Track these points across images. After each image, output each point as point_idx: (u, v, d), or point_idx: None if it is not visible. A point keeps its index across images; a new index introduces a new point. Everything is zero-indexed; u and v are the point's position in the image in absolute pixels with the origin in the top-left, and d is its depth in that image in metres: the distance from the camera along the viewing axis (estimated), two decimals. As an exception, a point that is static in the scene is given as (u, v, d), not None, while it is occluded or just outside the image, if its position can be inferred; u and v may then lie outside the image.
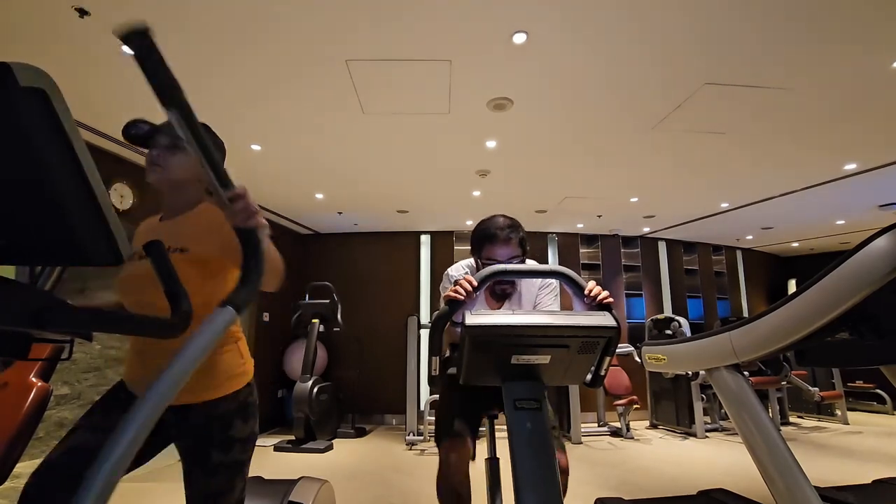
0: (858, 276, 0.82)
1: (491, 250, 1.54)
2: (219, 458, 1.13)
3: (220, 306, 0.77)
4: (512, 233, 1.54)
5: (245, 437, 1.19)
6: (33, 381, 1.57)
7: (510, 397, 1.13)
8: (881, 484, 2.12)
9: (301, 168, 4.11)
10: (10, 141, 0.53)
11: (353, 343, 5.91)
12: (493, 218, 1.60)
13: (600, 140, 3.52)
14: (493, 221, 1.58)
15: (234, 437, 1.16)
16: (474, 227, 1.64)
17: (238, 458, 1.17)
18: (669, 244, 7.03)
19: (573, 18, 2.14)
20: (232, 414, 1.17)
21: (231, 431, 1.16)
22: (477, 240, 1.60)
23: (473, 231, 1.63)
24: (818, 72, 2.56)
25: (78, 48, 2.26)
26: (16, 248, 0.63)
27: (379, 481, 3.53)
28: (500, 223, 1.56)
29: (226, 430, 1.15)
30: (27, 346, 0.71)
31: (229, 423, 1.16)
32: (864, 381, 6.59)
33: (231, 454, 1.15)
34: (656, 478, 3.60)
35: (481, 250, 1.58)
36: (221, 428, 1.15)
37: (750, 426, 1.05)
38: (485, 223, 1.60)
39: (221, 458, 1.14)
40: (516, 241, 1.55)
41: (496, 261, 1.53)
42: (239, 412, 1.19)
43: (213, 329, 0.75)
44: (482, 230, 1.58)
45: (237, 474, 1.17)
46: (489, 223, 1.58)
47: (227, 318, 0.77)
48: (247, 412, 1.21)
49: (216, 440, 1.14)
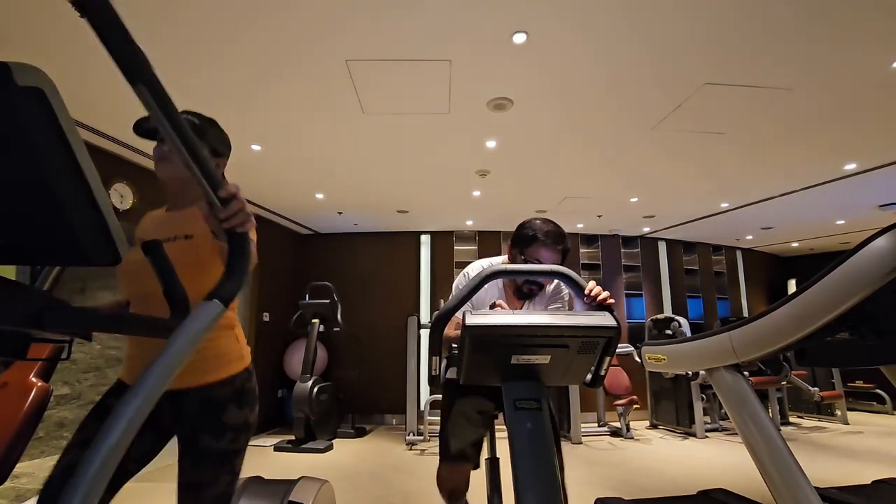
0: (858, 276, 0.82)
1: (537, 251, 1.59)
2: (208, 444, 1.11)
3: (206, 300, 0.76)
4: (561, 241, 1.61)
5: (238, 424, 1.16)
6: (33, 381, 1.57)
7: (510, 397, 1.13)
8: (881, 484, 2.12)
9: (301, 168, 4.11)
10: (9, 141, 0.53)
11: (353, 343, 5.91)
12: (544, 221, 1.64)
13: (600, 140, 3.52)
14: (544, 225, 1.62)
15: (225, 424, 1.14)
16: (522, 224, 1.67)
17: (227, 448, 1.14)
18: (669, 244, 7.03)
19: (573, 19, 2.14)
20: (226, 399, 1.16)
21: (223, 417, 1.14)
22: (525, 238, 1.63)
23: (520, 227, 1.67)
24: (818, 72, 2.56)
25: (78, 48, 2.26)
26: (15, 248, 0.63)
27: (379, 481, 3.53)
28: (551, 228, 1.61)
29: (218, 415, 1.14)
30: (26, 346, 0.70)
31: (223, 408, 1.14)
32: (864, 381, 6.59)
33: (221, 441, 1.13)
34: (656, 478, 3.60)
35: (527, 248, 1.61)
36: (214, 412, 1.14)
37: (750, 426, 1.05)
38: (535, 224, 1.63)
39: (211, 444, 1.12)
40: (561, 250, 1.61)
41: (538, 262, 1.58)
42: (234, 397, 1.17)
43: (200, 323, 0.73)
44: (533, 230, 1.61)
45: (223, 466, 1.14)
46: (540, 225, 1.62)
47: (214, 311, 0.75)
48: (242, 399, 1.19)
49: (207, 425, 1.13)
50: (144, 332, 0.73)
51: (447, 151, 3.73)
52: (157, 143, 1.20)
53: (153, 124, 1.09)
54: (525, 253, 1.62)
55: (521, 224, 1.67)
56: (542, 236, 1.58)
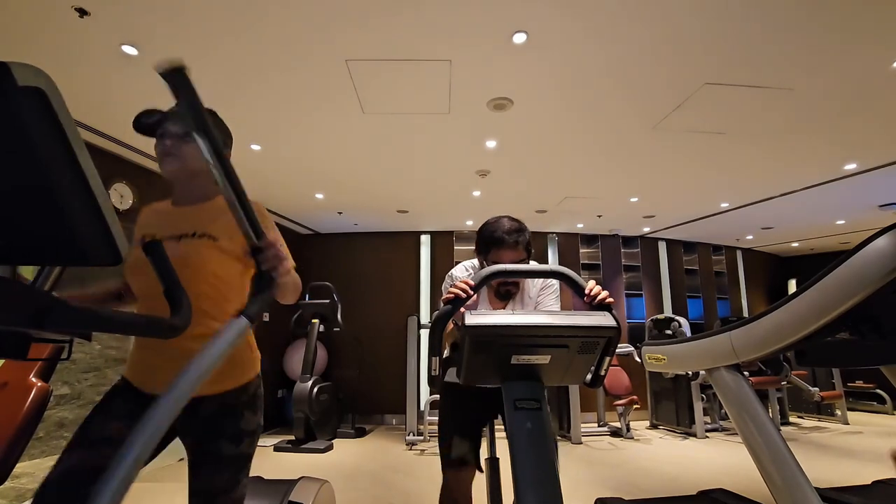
0: (858, 276, 0.82)
1: (497, 254, 1.54)
2: (229, 451, 1.13)
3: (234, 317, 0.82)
4: (519, 237, 1.54)
5: (253, 429, 1.19)
6: (33, 381, 1.57)
7: (510, 397, 1.13)
8: (881, 484, 2.12)
9: (301, 168, 4.11)
10: (9, 141, 0.53)
11: (353, 343, 5.91)
12: (500, 220, 1.58)
13: (600, 140, 3.52)
14: (500, 224, 1.56)
15: (244, 430, 1.16)
16: (480, 228, 1.62)
17: (245, 452, 1.16)
18: (669, 244, 7.03)
19: (573, 19, 2.14)
20: (243, 406, 1.17)
21: (241, 423, 1.16)
22: (483, 243, 1.59)
23: (479, 232, 1.62)
24: (818, 72, 2.56)
25: (78, 48, 2.26)
26: (15, 248, 0.63)
27: (379, 481, 3.53)
28: (506, 227, 1.55)
29: (237, 422, 1.15)
30: (26, 346, 0.70)
31: (240, 415, 1.16)
32: (864, 381, 6.59)
33: (241, 446, 1.15)
34: (656, 478, 3.60)
35: (487, 253, 1.57)
36: (233, 419, 1.15)
37: (750, 426, 1.05)
38: (491, 225, 1.58)
39: (231, 451, 1.13)
40: (522, 245, 1.55)
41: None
42: (249, 404, 1.19)
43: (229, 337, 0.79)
44: (489, 234, 1.56)
45: (242, 469, 1.16)
46: (496, 226, 1.56)
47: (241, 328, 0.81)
48: (255, 404, 1.21)
49: (228, 432, 1.14)
50: (145, 332, 0.73)
51: (447, 151, 3.73)
52: (157, 139, 1.18)
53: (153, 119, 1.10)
54: (487, 258, 1.57)
55: (479, 228, 1.62)
56: (498, 239, 1.53)
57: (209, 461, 1.12)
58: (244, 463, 1.17)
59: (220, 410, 1.14)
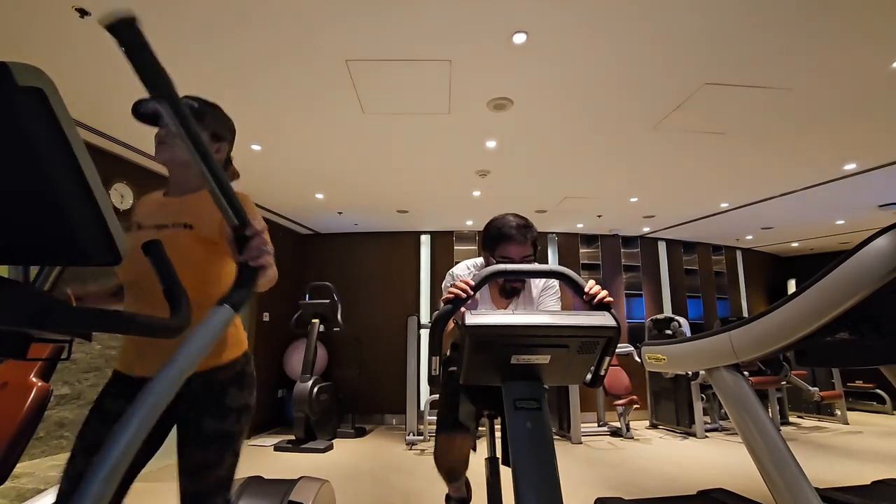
0: (858, 276, 0.82)
1: (506, 249, 1.56)
2: (211, 426, 1.14)
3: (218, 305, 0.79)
4: (526, 232, 1.58)
5: (240, 406, 1.19)
6: (33, 381, 1.57)
7: (510, 397, 1.13)
8: (881, 484, 2.12)
9: (301, 168, 4.11)
10: (8, 140, 0.53)
11: (353, 343, 5.91)
12: (506, 217, 1.61)
13: (600, 140, 3.52)
14: (507, 220, 1.59)
15: (228, 406, 1.17)
16: (486, 226, 1.65)
17: (230, 430, 1.17)
18: (669, 244, 7.03)
19: (573, 19, 2.14)
20: (228, 382, 1.18)
21: (226, 400, 1.17)
22: (491, 238, 1.61)
23: (486, 228, 1.65)
24: (818, 72, 2.56)
25: (78, 48, 2.26)
26: (15, 248, 0.63)
27: (379, 481, 3.53)
28: (514, 223, 1.58)
29: (221, 398, 1.16)
30: (26, 346, 0.70)
31: (224, 391, 1.17)
32: (864, 381, 6.59)
33: (224, 423, 1.15)
34: (656, 478, 3.60)
35: (495, 249, 1.59)
36: (217, 396, 1.16)
37: (750, 426, 1.05)
38: (499, 221, 1.61)
39: (215, 426, 1.14)
40: (530, 241, 1.58)
41: (510, 259, 1.56)
42: (235, 381, 1.20)
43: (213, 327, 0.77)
44: (497, 229, 1.59)
45: (228, 447, 1.16)
46: (503, 222, 1.59)
47: (225, 317, 0.79)
48: (243, 382, 1.22)
49: (211, 407, 1.15)
50: (145, 332, 0.73)
51: (447, 151, 3.73)
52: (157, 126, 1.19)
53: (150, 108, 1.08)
54: (496, 255, 1.60)
55: (486, 226, 1.66)
56: (507, 234, 1.56)
57: (192, 437, 1.14)
58: (230, 441, 1.17)
59: (205, 387, 1.15)
